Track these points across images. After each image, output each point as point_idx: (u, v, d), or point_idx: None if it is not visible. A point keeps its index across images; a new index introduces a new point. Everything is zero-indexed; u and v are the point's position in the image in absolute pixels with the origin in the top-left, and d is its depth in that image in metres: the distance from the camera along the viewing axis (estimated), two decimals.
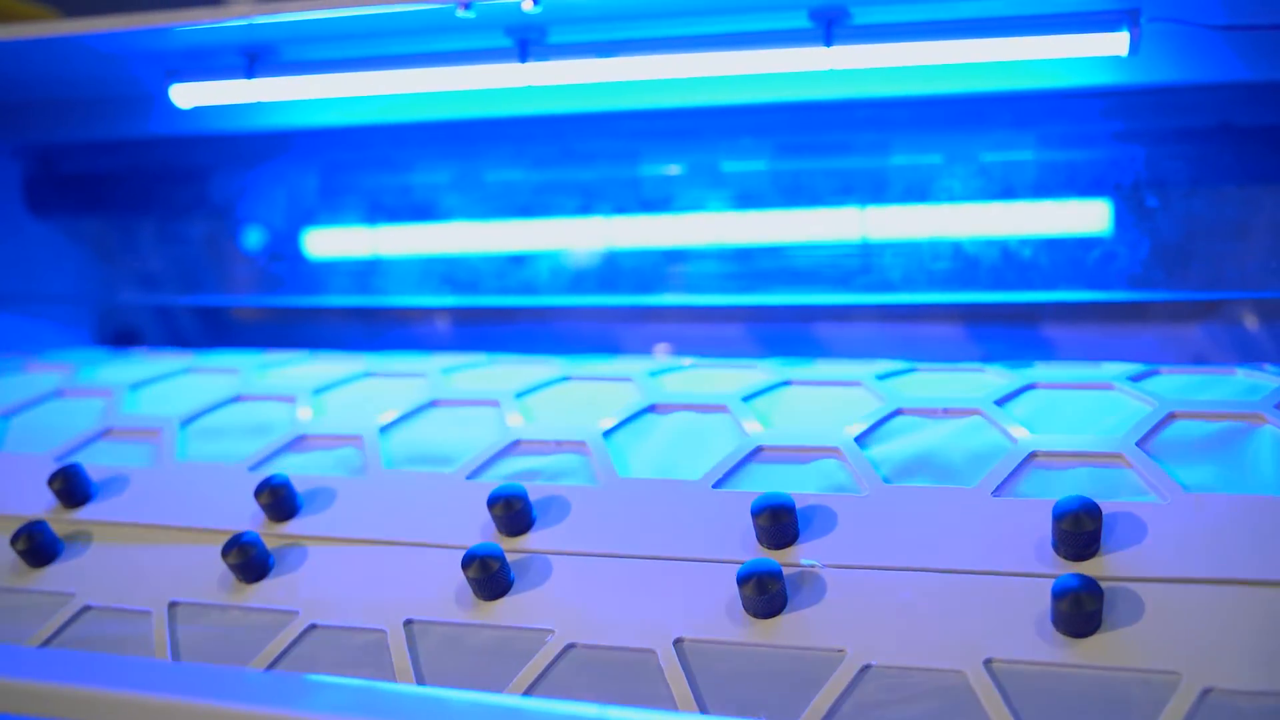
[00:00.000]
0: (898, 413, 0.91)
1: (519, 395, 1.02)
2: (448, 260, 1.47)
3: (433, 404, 1.03)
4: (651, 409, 0.97)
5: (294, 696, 0.71)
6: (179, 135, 1.46)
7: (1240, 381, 0.92)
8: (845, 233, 1.31)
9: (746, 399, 0.96)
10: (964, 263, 1.28)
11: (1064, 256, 1.26)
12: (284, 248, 1.53)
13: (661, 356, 1.19)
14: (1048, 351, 1.27)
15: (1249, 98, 1.18)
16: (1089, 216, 1.25)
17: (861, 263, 1.31)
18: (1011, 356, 1.23)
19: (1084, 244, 1.25)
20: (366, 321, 1.52)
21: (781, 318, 1.36)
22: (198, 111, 1.31)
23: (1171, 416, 0.85)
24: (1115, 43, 1.00)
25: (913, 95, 1.22)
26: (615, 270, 1.40)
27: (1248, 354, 1.22)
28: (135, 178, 1.57)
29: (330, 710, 0.69)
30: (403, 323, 1.50)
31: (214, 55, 1.18)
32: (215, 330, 1.58)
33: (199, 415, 1.07)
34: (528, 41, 1.11)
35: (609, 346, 1.40)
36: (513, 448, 0.95)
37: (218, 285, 1.57)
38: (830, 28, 1.04)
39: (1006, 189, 1.27)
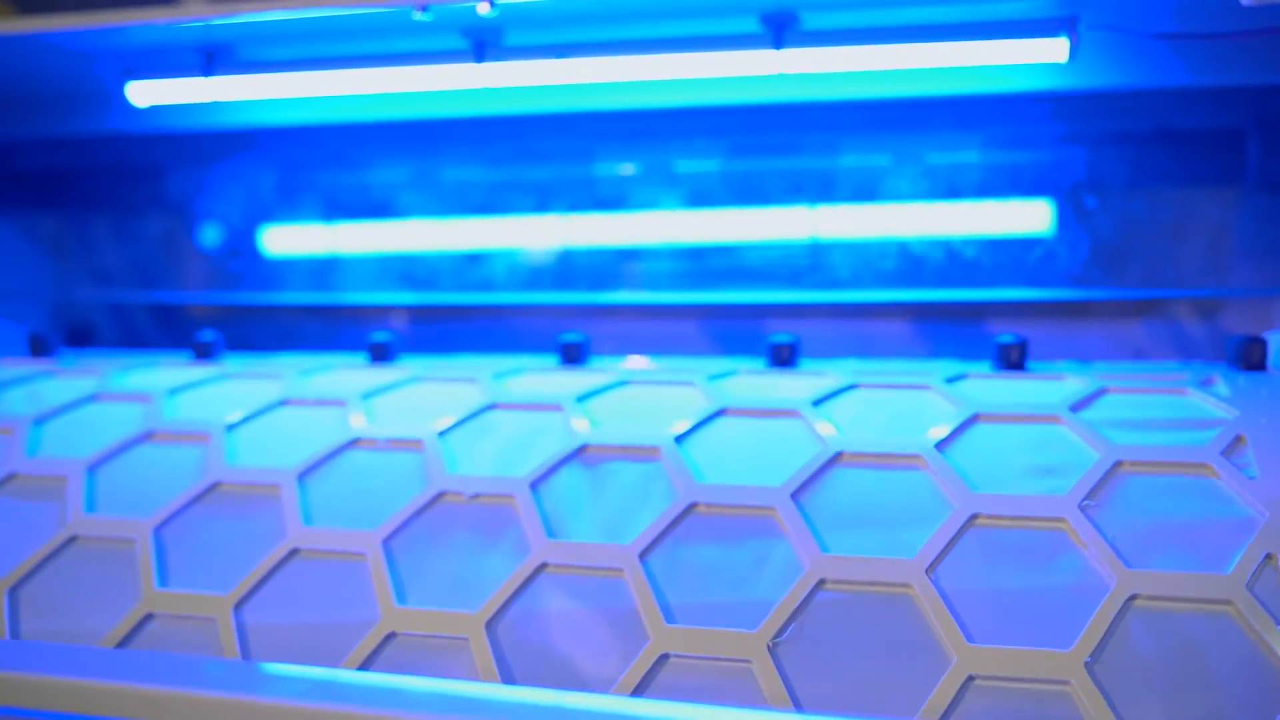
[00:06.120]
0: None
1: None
2: (405, 258, 1.48)
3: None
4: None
5: (254, 684, 0.72)
6: (136, 133, 1.46)
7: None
8: (795, 232, 1.34)
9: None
10: (910, 262, 1.31)
11: (1007, 256, 1.29)
12: (241, 245, 1.54)
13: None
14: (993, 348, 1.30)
15: (1185, 103, 1.22)
16: (1031, 217, 1.28)
17: (811, 261, 1.34)
18: (957, 354, 1.25)
19: (1026, 244, 1.28)
20: (324, 319, 1.53)
21: (733, 315, 1.38)
22: (155, 109, 1.31)
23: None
24: (1055, 49, 1.03)
25: (861, 99, 1.25)
26: (570, 268, 1.42)
27: (1186, 350, 1.25)
28: (92, 175, 1.56)
29: (289, 697, 0.70)
30: (360, 320, 1.51)
31: (171, 54, 1.19)
32: (172, 328, 1.58)
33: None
34: (484, 44, 1.12)
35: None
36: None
37: (175, 283, 1.57)
38: (780, 32, 1.06)
39: (952, 189, 1.30)
